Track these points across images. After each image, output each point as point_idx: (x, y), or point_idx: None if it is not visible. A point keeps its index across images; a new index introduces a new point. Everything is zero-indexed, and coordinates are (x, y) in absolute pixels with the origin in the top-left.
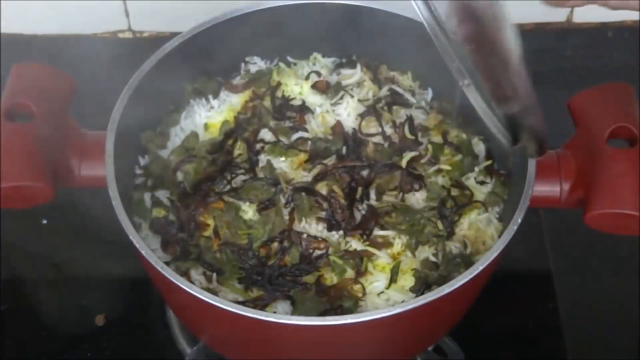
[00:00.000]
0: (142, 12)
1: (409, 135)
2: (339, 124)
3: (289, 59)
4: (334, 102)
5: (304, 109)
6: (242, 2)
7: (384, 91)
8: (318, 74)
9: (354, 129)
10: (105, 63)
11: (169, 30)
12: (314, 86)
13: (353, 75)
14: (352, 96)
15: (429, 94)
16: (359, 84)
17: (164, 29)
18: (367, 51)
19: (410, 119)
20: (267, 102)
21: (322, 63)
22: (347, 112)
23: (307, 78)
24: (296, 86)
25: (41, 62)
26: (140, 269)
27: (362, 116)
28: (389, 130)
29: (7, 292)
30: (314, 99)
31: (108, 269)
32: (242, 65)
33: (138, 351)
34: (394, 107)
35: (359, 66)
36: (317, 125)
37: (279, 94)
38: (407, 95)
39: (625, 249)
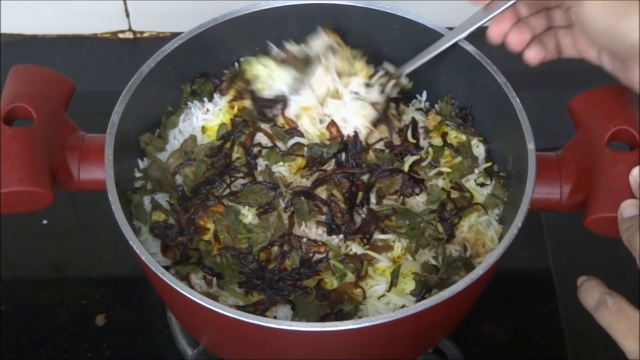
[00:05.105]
0: (142, 12)
1: (411, 139)
2: (332, 124)
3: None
4: (335, 102)
5: (281, 100)
6: (242, 2)
7: (389, 87)
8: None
9: (354, 132)
10: (105, 63)
11: (169, 30)
12: (283, 61)
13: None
14: (361, 99)
15: (423, 97)
16: (367, 85)
17: (164, 29)
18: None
19: (414, 122)
20: (247, 102)
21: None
22: (358, 120)
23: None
24: (264, 68)
25: (41, 62)
26: (140, 269)
27: (374, 124)
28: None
29: (7, 292)
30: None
31: (108, 269)
32: (237, 65)
33: (138, 351)
34: (400, 108)
35: (322, 33)
36: (307, 125)
37: (254, 87)
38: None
39: (625, 250)
